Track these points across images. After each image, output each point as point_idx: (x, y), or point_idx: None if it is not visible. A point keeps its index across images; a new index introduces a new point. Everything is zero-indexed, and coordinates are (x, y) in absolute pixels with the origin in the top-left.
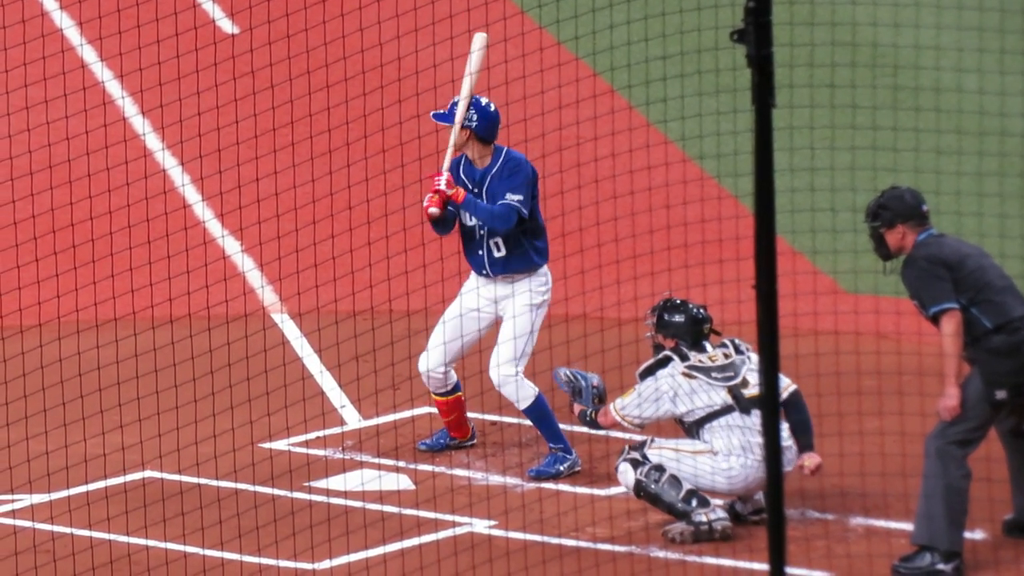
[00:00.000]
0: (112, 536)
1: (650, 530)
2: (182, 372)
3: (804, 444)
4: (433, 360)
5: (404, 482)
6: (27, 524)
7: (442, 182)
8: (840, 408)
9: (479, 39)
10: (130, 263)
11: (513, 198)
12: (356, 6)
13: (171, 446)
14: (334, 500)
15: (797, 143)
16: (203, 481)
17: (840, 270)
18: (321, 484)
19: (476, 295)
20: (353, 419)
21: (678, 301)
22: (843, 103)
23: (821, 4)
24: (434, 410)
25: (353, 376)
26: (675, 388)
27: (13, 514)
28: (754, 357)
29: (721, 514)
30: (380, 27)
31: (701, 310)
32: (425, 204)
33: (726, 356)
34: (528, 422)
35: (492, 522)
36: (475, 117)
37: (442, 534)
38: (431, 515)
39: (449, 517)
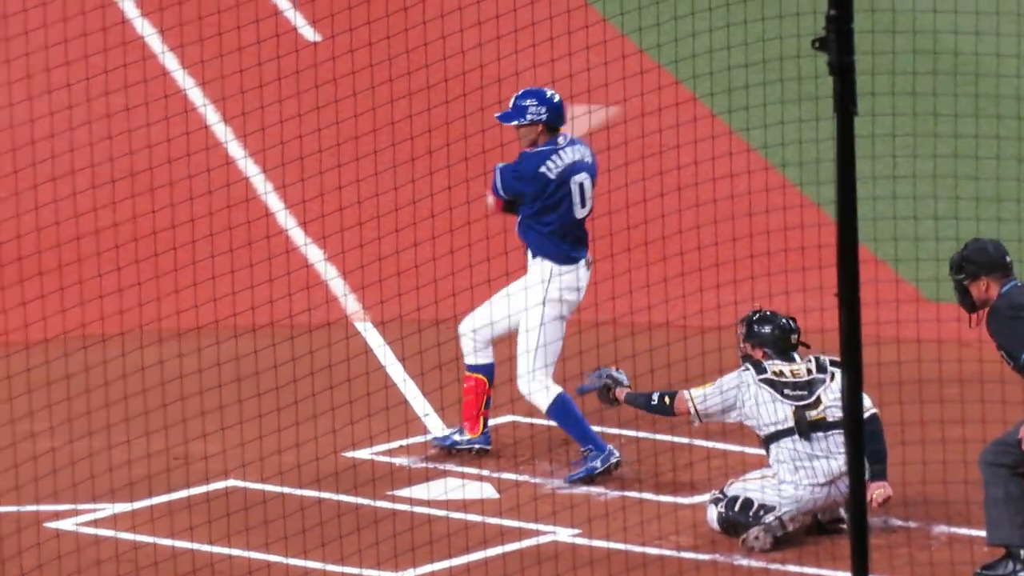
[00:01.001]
0: (195, 545)
1: (734, 539)
2: (265, 381)
3: (876, 472)
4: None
5: (488, 491)
6: (109, 533)
7: None
8: (923, 416)
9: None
10: (212, 272)
11: None
12: (438, 14)
13: (254, 455)
14: (417, 509)
15: (879, 151)
16: (286, 490)
17: (923, 278)
18: (404, 493)
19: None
20: (437, 428)
21: (768, 312)
22: (925, 111)
23: (903, 12)
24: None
25: (436, 385)
26: (742, 397)
27: (95, 523)
28: (838, 377)
29: (787, 507)
30: (462, 35)
31: (790, 321)
32: None
33: (808, 372)
34: (608, 430)
35: (576, 531)
36: (543, 110)
37: (526, 543)
38: (515, 524)
39: (533, 526)
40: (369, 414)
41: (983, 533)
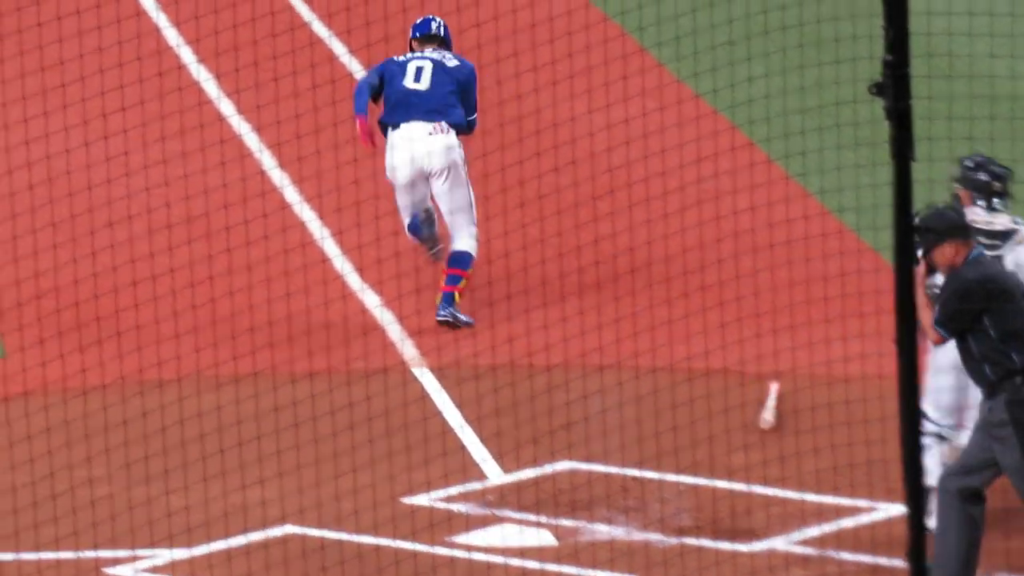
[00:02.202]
0: None
1: None
2: (322, 426)
3: None
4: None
5: (545, 537)
6: None
7: None
8: None
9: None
10: (269, 317)
11: None
12: (493, 59)
13: (312, 501)
14: (475, 556)
15: (937, 196)
16: (344, 536)
17: None
18: (462, 539)
19: None
20: (494, 473)
21: (982, 157)
22: None
23: (959, 57)
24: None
25: (494, 430)
26: None
27: (155, 569)
28: None
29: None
30: (518, 79)
31: (1002, 169)
32: None
33: (1004, 226)
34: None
35: None
36: (412, 30)
37: None
38: (573, 570)
39: (591, 573)
40: (427, 460)
41: None
